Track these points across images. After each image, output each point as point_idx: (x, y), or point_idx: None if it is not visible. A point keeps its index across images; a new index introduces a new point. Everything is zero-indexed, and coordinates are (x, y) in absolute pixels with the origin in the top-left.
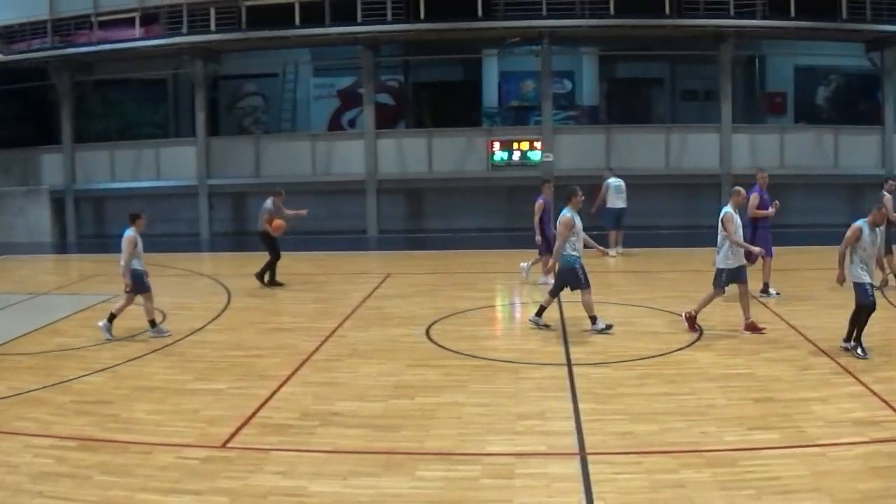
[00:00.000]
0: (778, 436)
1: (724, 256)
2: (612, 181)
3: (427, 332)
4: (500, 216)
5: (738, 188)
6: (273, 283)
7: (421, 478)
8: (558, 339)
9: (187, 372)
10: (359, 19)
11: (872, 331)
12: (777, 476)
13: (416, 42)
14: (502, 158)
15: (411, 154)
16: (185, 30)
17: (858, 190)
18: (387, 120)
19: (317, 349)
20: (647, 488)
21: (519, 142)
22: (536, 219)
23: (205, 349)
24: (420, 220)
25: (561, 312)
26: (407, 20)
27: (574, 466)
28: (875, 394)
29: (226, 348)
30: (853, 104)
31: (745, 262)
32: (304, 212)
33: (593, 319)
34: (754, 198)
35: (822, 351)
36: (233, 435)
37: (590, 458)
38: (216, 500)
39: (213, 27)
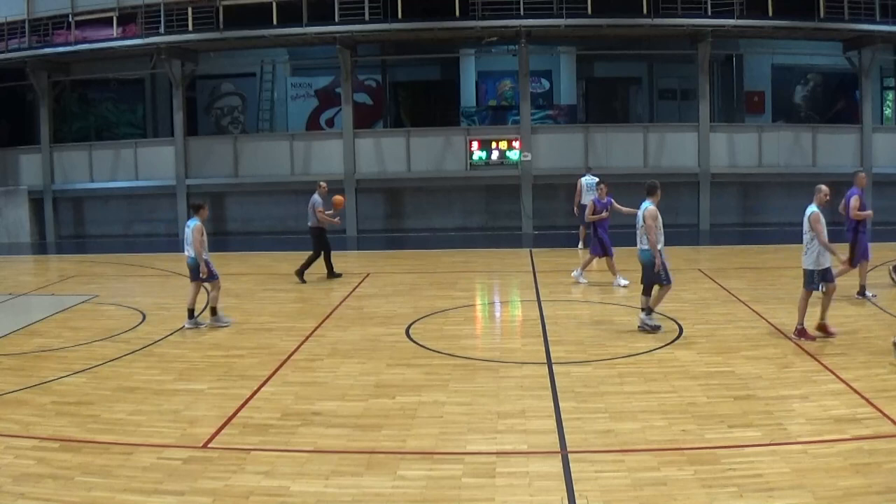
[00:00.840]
0: (759, 433)
1: (815, 258)
2: (586, 179)
3: (407, 332)
4: (479, 215)
5: (821, 186)
6: (332, 275)
7: (403, 477)
8: (539, 338)
9: (168, 372)
10: (336, 19)
11: (853, 328)
12: (759, 473)
13: (393, 42)
14: (481, 158)
15: (390, 154)
16: (162, 30)
17: (837, 189)
18: (365, 119)
19: (297, 349)
20: (628, 486)
21: (497, 141)
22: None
23: (185, 349)
24: (399, 219)
25: (541, 311)
26: (384, 20)
27: (555, 465)
28: (856, 391)
29: (206, 348)
30: (831, 103)
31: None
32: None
33: (649, 311)
34: (856, 200)
35: (803, 349)
36: (214, 435)
37: (571, 456)
38: (198, 501)
39: (190, 27)
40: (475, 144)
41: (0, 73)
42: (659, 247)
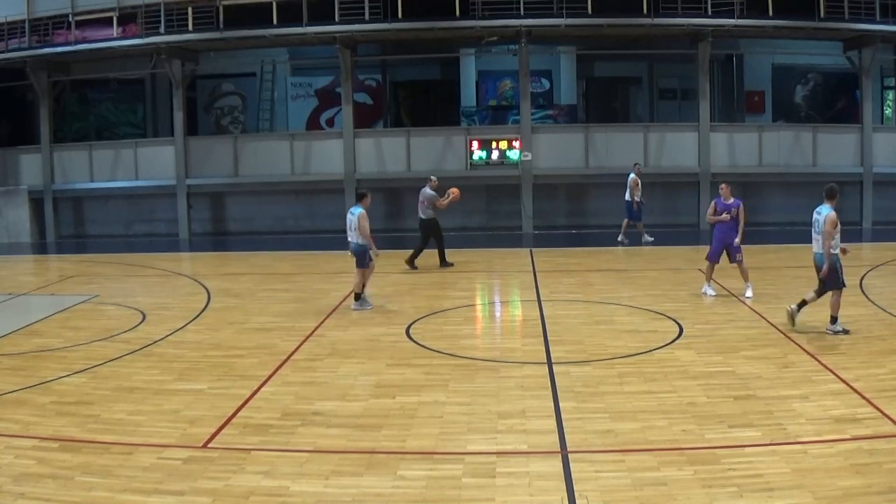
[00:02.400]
0: (759, 433)
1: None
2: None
3: (407, 331)
4: (479, 215)
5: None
6: (445, 263)
7: (403, 477)
8: (539, 338)
9: (167, 372)
10: (336, 19)
11: (854, 328)
12: (759, 474)
13: (393, 41)
14: (481, 158)
15: (390, 153)
16: (162, 29)
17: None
18: (365, 119)
19: (297, 349)
20: (628, 486)
21: (497, 141)
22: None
23: (185, 349)
24: (399, 219)
25: (541, 311)
26: (384, 20)
27: (556, 465)
28: (856, 391)
29: (206, 348)
30: (831, 103)
31: None
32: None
33: (833, 320)
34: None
35: (803, 348)
36: (214, 435)
37: (571, 456)
38: (198, 501)
39: (190, 27)
40: (475, 144)
41: (0, 72)
42: (836, 252)
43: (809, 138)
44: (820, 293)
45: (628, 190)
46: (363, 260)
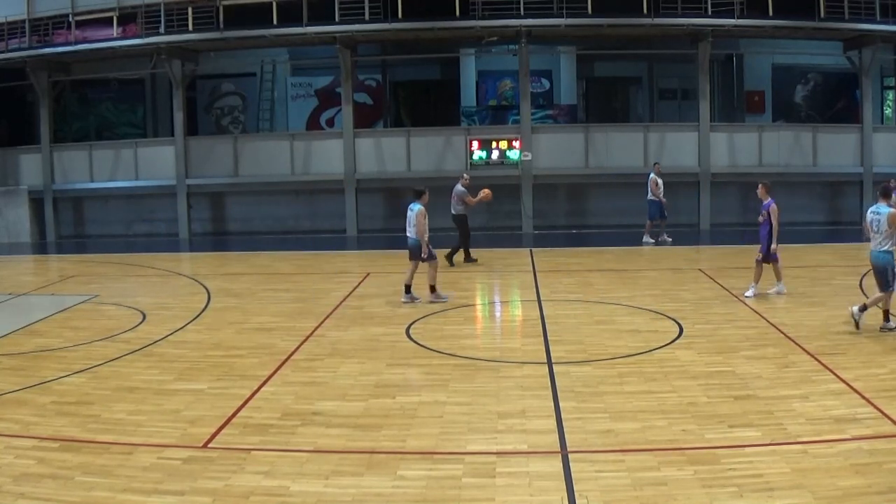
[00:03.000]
0: (759, 433)
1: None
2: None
3: (407, 331)
4: (479, 215)
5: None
6: (469, 259)
7: (403, 477)
8: (539, 338)
9: (168, 372)
10: (336, 19)
11: (851, 328)
12: (759, 473)
13: (393, 41)
14: (481, 158)
15: (390, 153)
16: (162, 30)
17: (837, 188)
18: (365, 119)
19: (297, 349)
20: (628, 486)
21: (497, 141)
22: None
23: (185, 349)
24: (399, 219)
25: (541, 310)
26: (385, 19)
27: (556, 465)
28: (856, 391)
29: (206, 348)
30: (831, 103)
31: None
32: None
33: (886, 315)
34: None
35: (803, 348)
36: (214, 435)
37: (571, 456)
38: (198, 501)
39: (190, 27)
40: (475, 144)
41: (0, 73)
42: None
43: (809, 138)
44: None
45: (649, 190)
46: (417, 254)
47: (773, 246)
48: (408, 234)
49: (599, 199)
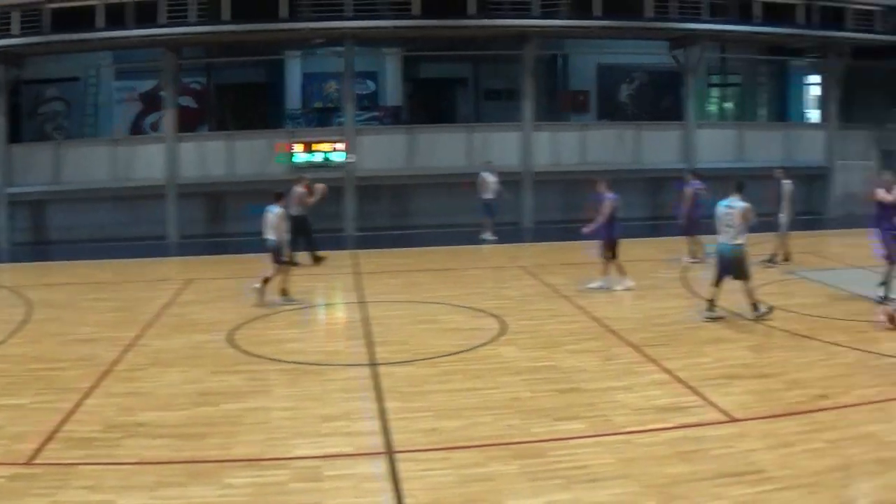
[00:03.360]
0: (584, 425)
1: None
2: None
3: (230, 338)
4: None
5: None
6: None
7: (229, 485)
8: (362, 340)
9: None
10: (162, 22)
11: (675, 319)
12: (585, 465)
13: (218, 44)
14: (305, 160)
15: (212, 157)
16: None
17: (661, 183)
18: (189, 123)
19: (119, 359)
20: (455, 483)
21: (322, 143)
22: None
23: (5, 363)
24: (221, 224)
25: (364, 312)
26: (210, 22)
27: (382, 466)
28: (679, 380)
29: (27, 361)
30: (657, 101)
31: None
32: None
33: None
34: None
35: (626, 341)
36: (37, 451)
37: (397, 456)
38: None
39: (15, 31)
40: (299, 147)
41: None
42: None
43: (633, 135)
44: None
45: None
46: (278, 256)
47: (587, 229)
48: (266, 237)
49: (424, 200)
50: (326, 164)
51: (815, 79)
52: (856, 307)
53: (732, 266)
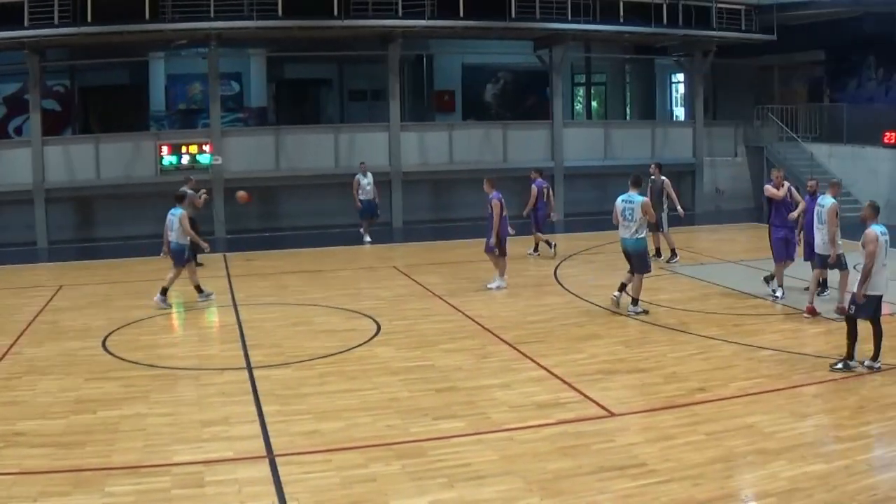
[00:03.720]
0: (464, 424)
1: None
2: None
3: (104, 344)
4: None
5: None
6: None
7: (111, 493)
8: (237, 343)
9: None
10: (26, 23)
11: (550, 316)
12: (467, 462)
13: (82, 46)
14: (172, 163)
15: (79, 161)
16: None
17: (528, 182)
18: (54, 126)
19: None
20: (338, 485)
21: (188, 145)
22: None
23: None
24: (90, 228)
25: (237, 315)
26: (74, 23)
27: (263, 469)
28: (556, 376)
29: None
30: (522, 100)
31: None
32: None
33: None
34: None
35: (501, 339)
36: None
37: (278, 459)
38: None
39: None
40: (165, 149)
41: None
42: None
43: (500, 135)
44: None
45: (362, 190)
46: (181, 258)
47: (493, 239)
48: (170, 240)
49: (292, 201)
50: (194, 167)
51: (682, 77)
52: (728, 301)
53: (632, 259)
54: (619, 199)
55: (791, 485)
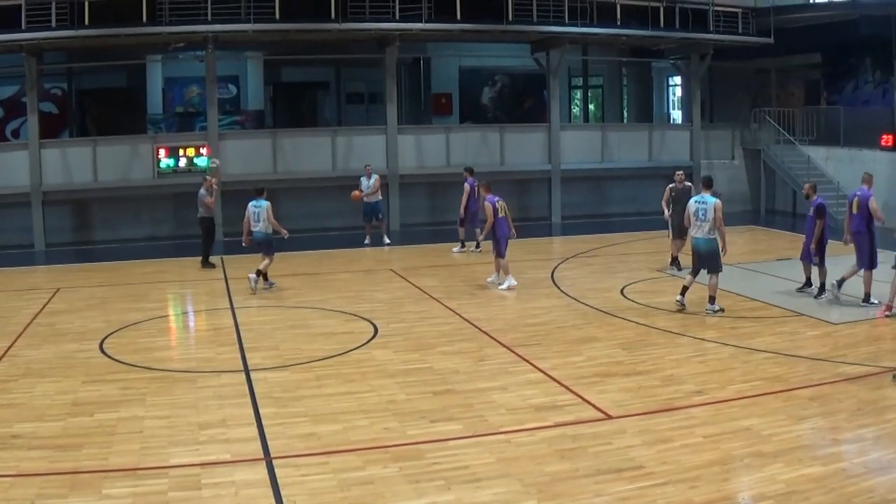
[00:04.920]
0: (461, 426)
1: None
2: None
3: (101, 346)
4: (168, 224)
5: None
6: (206, 264)
7: (108, 496)
8: (234, 346)
9: None
10: (23, 26)
11: (547, 319)
12: (465, 465)
13: (80, 49)
14: (168, 165)
15: (76, 164)
16: None
17: (526, 185)
18: (51, 129)
19: None
20: (335, 488)
21: (185, 148)
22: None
23: None
24: (87, 231)
25: (235, 318)
26: (71, 26)
27: (261, 472)
28: (554, 379)
29: None
30: (519, 103)
31: None
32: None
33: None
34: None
35: (498, 341)
36: None
37: (276, 462)
38: None
39: None
40: (162, 152)
41: None
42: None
43: (497, 138)
44: (696, 274)
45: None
46: (270, 246)
47: (481, 237)
48: (254, 230)
49: (289, 204)
50: (191, 170)
51: (679, 80)
52: (725, 304)
53: (705, 259)
54: (692, 199)
55: (788, 487)
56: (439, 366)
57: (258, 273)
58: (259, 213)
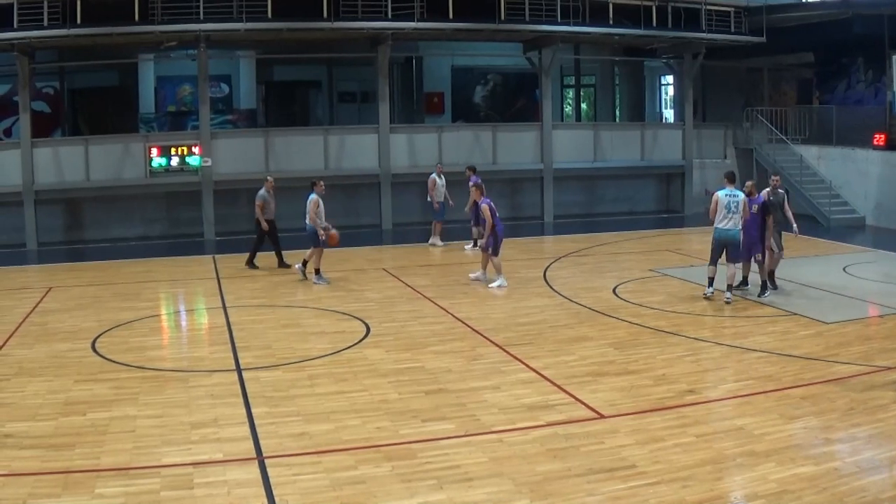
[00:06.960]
0: (453, 426)
1: None
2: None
3: (93, 346)
4: (160, 223)
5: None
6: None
7: (101, 495)
8: (226, 345)
9: None
10: (15, 25)
11: (539, 318)
12: (457, 465)
13: (72, 47)
14: (161, 165)
15: (68, 163)
16: None
17: (518, 184)
18: (44, 128)
19: None
20: (327, 487)
21: (177, 147)
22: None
23: None
24: (79, 230)
25: (227, 317)
26: (63, 25)
27: (253, 471)
28: (546, 378)
29: None
30: (511, 102)
31: None
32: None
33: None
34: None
35: (491, 341)
36: None
37: (268, 461)
38: None
39: None
40: (154, 151)
41: None
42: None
43: (489, 137)
44: (716, 263)
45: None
46: (316, 240)
47: (482, 242)
48: (307, 222)
49: (280, 204)
50: (183, 169)
51: (671, 79)
52: (718, 304)
53: (731, 248)
54: (722, 192)
55: (780, 487)
56: (431, 365)
57: (304, 263)
58: (307, 205)
